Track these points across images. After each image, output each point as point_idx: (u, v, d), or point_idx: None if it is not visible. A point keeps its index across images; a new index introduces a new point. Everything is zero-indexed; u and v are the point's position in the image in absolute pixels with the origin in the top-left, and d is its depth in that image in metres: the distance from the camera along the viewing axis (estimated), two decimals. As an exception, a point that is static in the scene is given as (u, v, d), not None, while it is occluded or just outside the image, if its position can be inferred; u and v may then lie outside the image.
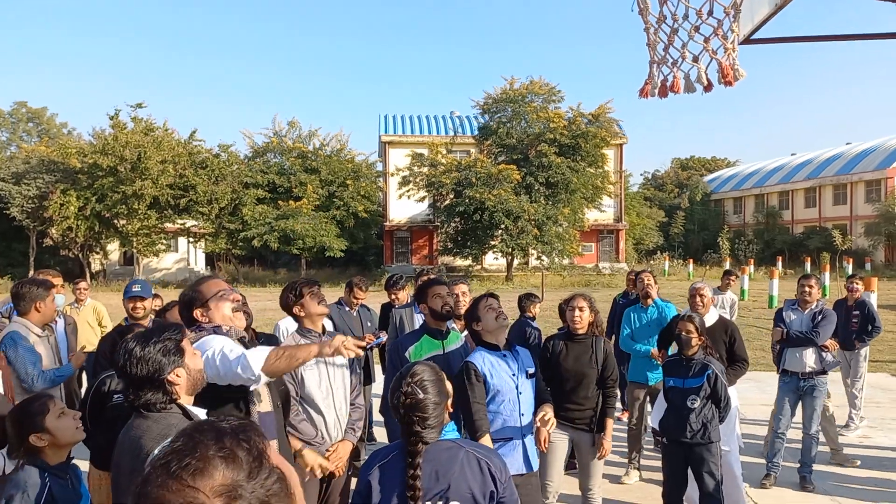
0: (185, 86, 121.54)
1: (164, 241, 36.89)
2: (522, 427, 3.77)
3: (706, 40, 3.05)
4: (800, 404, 6.32)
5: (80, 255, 35.72)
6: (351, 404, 3.97)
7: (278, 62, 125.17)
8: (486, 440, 3.56)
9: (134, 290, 4.92)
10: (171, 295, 9.04)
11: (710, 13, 3.06)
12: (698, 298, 5.88)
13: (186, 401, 2.37)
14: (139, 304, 4.89)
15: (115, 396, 3.62)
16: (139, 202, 32.82)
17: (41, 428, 2.65)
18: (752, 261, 38.09)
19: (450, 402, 2.46)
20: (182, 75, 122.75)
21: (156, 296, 7.73)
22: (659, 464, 6.31)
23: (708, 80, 3.06)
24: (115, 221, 34.64)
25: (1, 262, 35.35)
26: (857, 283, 8.40)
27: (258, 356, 2.79)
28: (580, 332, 4.64)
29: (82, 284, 8.64)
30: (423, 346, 4.08)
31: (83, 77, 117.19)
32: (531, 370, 3.88)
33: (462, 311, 4.56)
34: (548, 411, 3.73)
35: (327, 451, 3.78)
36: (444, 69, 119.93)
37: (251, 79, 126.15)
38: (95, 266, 37.86)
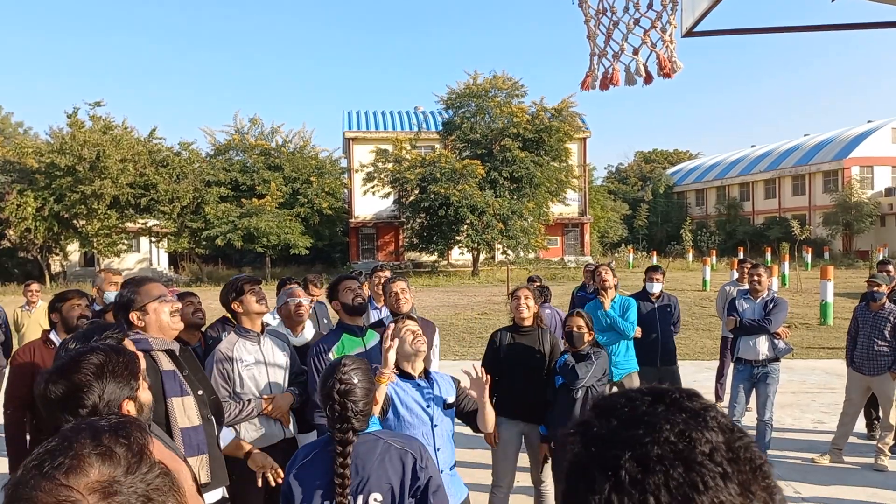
0: (143, 83, 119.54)
1: (126, 241, 36.23)
2: (438, 462, 3.24)
3: (645, 33, 3.07)
4: (753, 391, 6.43)
5: (39, 256, 34.97)
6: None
7: (240, 57, 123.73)
8: None
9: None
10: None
11: (650, 6, 3.08)
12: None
13: None
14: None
15: None
16: (99, 202, 32.21)
17: None
18: (714, 252, 38.73)
19: (378, 394, 2.47)
20: (141, 73, 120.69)
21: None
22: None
23: (647, 72, 3.09)
24: (75, 222, 33.98)
25: (-45, 265, 34.46)
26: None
27: None
28: (526, 323, 4.64)
29: (34, 286, 8.47)
30: (344, 345, 3.99)
31: (39, 75, 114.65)
32: (450, 399, 3.45)
33: (404, 309, 4.45)
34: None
35: (263, 398, 3.72)
36: (408, 64, 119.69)
37: (212, 75, 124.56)
38: (55, 268, 37.07)
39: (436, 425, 3.29)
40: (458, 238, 32.74)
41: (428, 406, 3.29)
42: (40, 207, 32.20)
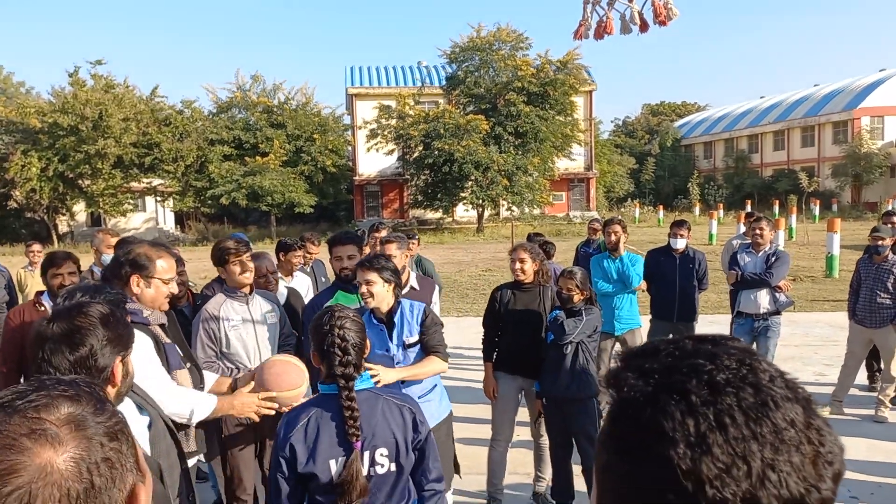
0: (143, 41, 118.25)
1: (131, 201, 36.32)
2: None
3: (641, -21, 2.97)
4: (754, 345, 6.42)
5: (46, 217, 35.06)
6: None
7: (241, 14, 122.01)
8: None
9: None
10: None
11: (646, -50, 2.97)
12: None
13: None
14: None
15: None
16: (103, 161, 32.18)
17: None
18: (722, 205, 38.48)
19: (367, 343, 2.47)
20: (140, 29, 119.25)
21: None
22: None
23: (643, 20, 3.00)
24: (80, 182, 34.00)
25: (-38, 226, 34.61)
26: None
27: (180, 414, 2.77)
28: (526, 282, 4.60)
29: (35, 247, 8.49)
30: (338, 301, 4.00)
31: (38, 34, 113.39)
32: (411, 339, 3.61)
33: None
34: (380, 372, 3.17)
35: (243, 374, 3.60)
36: (411, 17, 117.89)
37: (213, 32, 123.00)
38: (62, 228, 37.22)
39: (398, 362, 3.52)
40: (462, 195, 32.57)
41: (387, 350, 3.53)
42: (45, 168, 32.18)
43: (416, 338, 3.60)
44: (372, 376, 3.18)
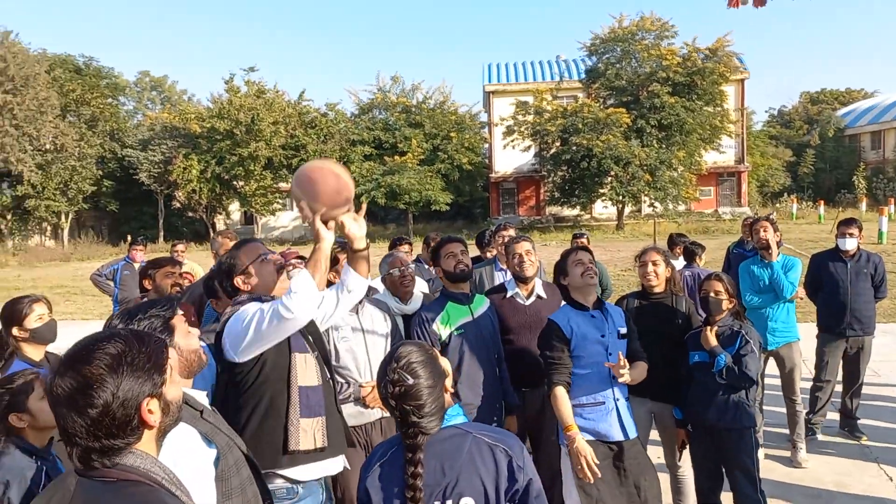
0: (291, 47, 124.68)
1: (280, 201, 38.18)
2: (614, 391, 3.43)
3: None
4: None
5: (205, 216, 37.63)
6: None
7: (380, 15, 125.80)
8: (559, 392, 3.33)
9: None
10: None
11: None
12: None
13: (183, 384, 1.95)
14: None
15: None
16: (254, 163, 34.08)
17: (23, 408, 2.47)
18: (893, 200, 34.83)
19: (448, 382, 2.07)
20: (288, 36, 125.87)
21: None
22: (783, 432, 5.64)
23: (810, -24, 2.43)
24: (234, 183, 36.19)
25: (133, 224, 37.80)
26: None
27: (296, 297, 2.57)
28: (656, 290, 4.08)
29: (179, 247, 8.86)
30: (449, 314, 3.71)
31: (198, 44, 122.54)
32: (623, 330, 3.53)
33: (528, 273, 4.09)
34: (627, 369, 3.30)
35: (361, 386, 3.51)
36: (550, 11, 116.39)
37: (354, 35, 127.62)
38: (220, 226, 39.82)
39: (610, 354, 3.38)
40: (601, 191, 31.49)
41: (602, 336, 3.44)
42: (203, 170, 34.56)
43: (625, 330, 3.59)
44: (620, 376, 3.22)
